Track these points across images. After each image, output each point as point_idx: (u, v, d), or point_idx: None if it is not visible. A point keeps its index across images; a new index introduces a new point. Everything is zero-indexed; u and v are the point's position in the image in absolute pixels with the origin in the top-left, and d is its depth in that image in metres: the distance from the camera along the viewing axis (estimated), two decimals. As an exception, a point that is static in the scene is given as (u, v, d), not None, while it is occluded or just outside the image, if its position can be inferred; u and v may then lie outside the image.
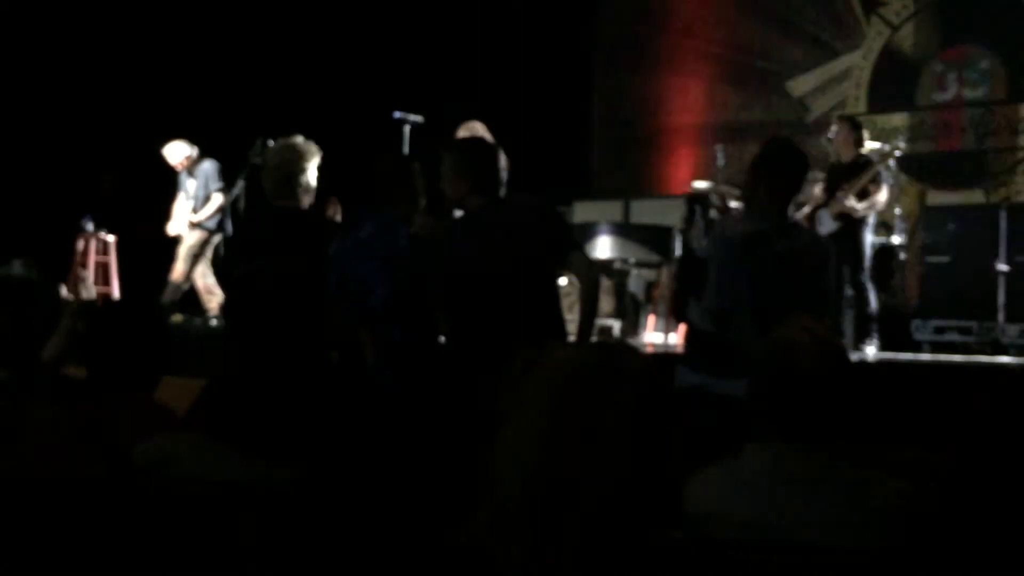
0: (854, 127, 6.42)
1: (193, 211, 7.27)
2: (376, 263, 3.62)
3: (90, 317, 2.70)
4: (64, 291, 7.52)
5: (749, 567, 1.58)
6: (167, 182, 7.45)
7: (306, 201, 3.98)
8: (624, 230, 6.97)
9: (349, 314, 3.67)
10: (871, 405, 1.92)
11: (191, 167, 7.32)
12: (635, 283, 6.92)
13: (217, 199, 7.21)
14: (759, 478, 1.83)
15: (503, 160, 3.69)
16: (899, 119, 8.57)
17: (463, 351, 3.56)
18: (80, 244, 8.40)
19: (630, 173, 9.39)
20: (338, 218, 4.35)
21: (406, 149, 6.65)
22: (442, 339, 3.73)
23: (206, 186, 7.28)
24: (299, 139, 4.03)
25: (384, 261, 3.62)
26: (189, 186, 7.34)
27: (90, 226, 8.40)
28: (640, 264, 6.85)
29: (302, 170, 3.92)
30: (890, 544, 1.72)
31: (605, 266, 6.66)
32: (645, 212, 8.75)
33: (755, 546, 1.67)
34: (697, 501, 1.80)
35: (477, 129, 6.40)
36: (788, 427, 1.87)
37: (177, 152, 7.29)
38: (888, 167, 6.37)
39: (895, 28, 8.72)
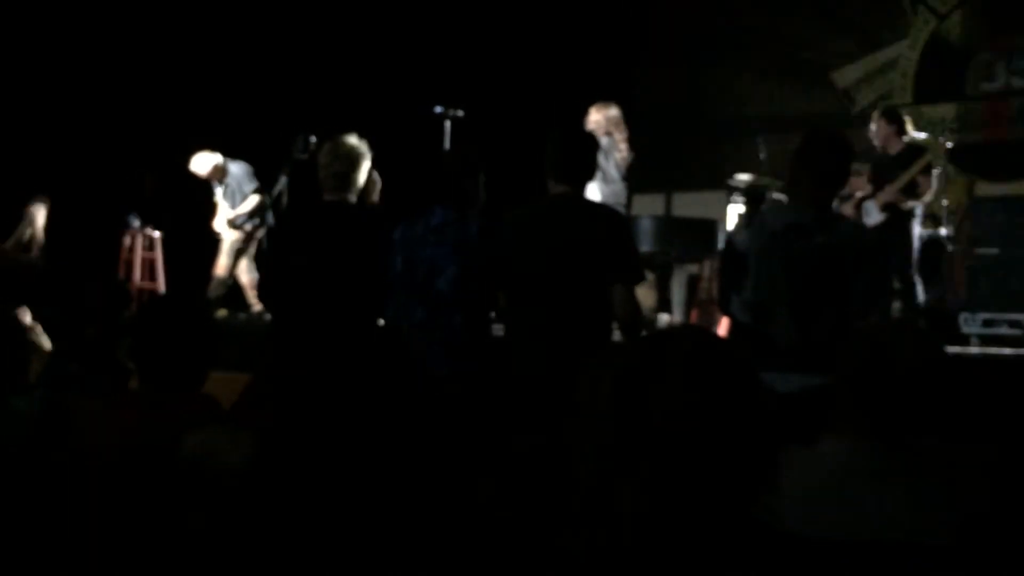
0: (891, 120, 6.33)
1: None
2: (448, 247, 3.77)
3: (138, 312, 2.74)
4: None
5: (816, 559, 1.56)
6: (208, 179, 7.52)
7: (354, 196, 4.05)
8: (666, 223, 6.94)
9: (411, 296, 3.77)
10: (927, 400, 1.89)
11: (221, 176, 7.35)
12: (677, 277, 6.89)
13: (253, 199, 7.27)
14: (834, 470, 1.80)
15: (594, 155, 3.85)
16: (946, 109, 8.44)
17: (517, 336, 3.66)
18: (126, 240, 8.51)
19: (672, 165, 9.32)
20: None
21: (447, 143, 6.66)
22: (496, 325, 3.86)
23: (240, 189, 7.33)
24: (354, 138, 4.08)
25: (455, 245, 3.78)
26: (222, 192, 7.38)
27: (136, 223, 8.50)
28: (682, 257, 6.81)
29: (356, 168, 4.00)
30: (963, 543, 1.70)
31: (647, 259, 6.64)
32: (687, 205, 8.70)
33: (820, 538, 1.64)
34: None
35: (611, 111, 6.43)
36: (874, 422, 1.83)
37: (205, 163, 7.30)
38: (937, 158, 6.28)
39: (942, 17, 8.58)
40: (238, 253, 7.30)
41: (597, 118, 6.42)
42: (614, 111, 6.47)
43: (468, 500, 1.53)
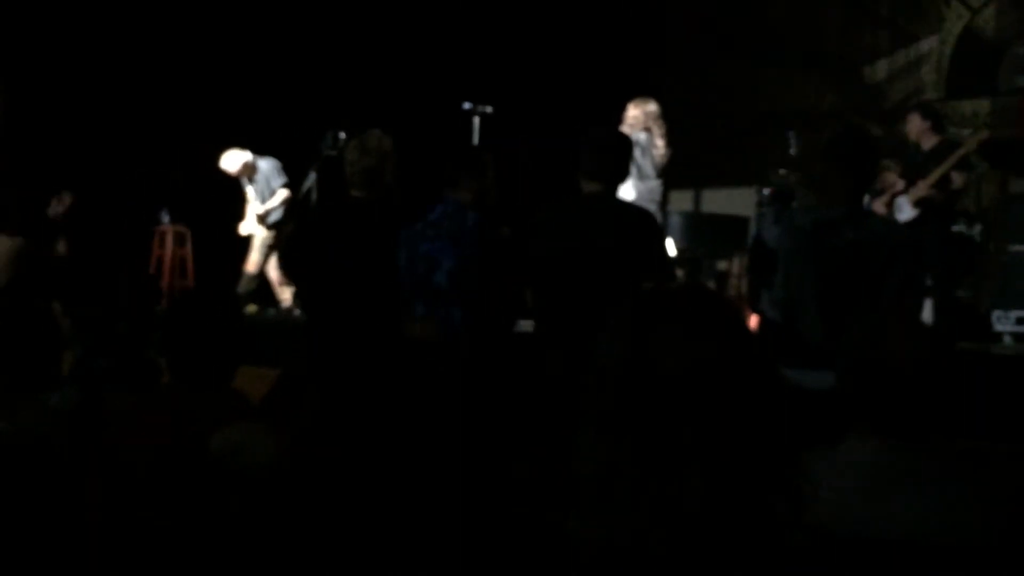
0: (926, 115, 6.28)
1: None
2: (444, 242, 3.78)
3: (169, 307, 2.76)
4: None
5: (841, 558, 1.55)
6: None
7: (381, 193, 4.08)
8: (695, 219, 6.92)
9: (412, 292, 3.79)
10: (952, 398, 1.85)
11: (251, 173, 7.39)
12: (706, 273, 6.87)
13: (282, 193, 7.31)
14: (860, 468, 1.79)
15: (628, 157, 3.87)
16: (979, 105, 8.34)
17: (545, 333, 3.66)
18: (157, 236, 8.58)
19: (701, 161, 9.29)
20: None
21: (476, 140, 6.66)
22: (518, 320, 3.87)
23: (269, 185, 7.37)
24: (379, 134, 4.10)
25: (451, 240, 3.79)
26: (252, 191, 7.42)
27: (166, 219, 8.57)
28: (711, 254, 6.79)
29: (382, 165, 4.03)
30: (990, 542, 1.68)
31: (677, 256, 6.62)
32: (716, 201, 8.66)
33: (846, 537, 1.63)
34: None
35: (649, 106, 6.39)
36: (881, 420, 1.81)
37: (234, 160, 7.34)
38: (971, 154, 6.21)
39: (975, 11, 8.48)
40: (268, 249, 7.35)
41: (636, 113, 6.36)
42: (652, 106, 6.40)
43: (491, 495, 1.53)
